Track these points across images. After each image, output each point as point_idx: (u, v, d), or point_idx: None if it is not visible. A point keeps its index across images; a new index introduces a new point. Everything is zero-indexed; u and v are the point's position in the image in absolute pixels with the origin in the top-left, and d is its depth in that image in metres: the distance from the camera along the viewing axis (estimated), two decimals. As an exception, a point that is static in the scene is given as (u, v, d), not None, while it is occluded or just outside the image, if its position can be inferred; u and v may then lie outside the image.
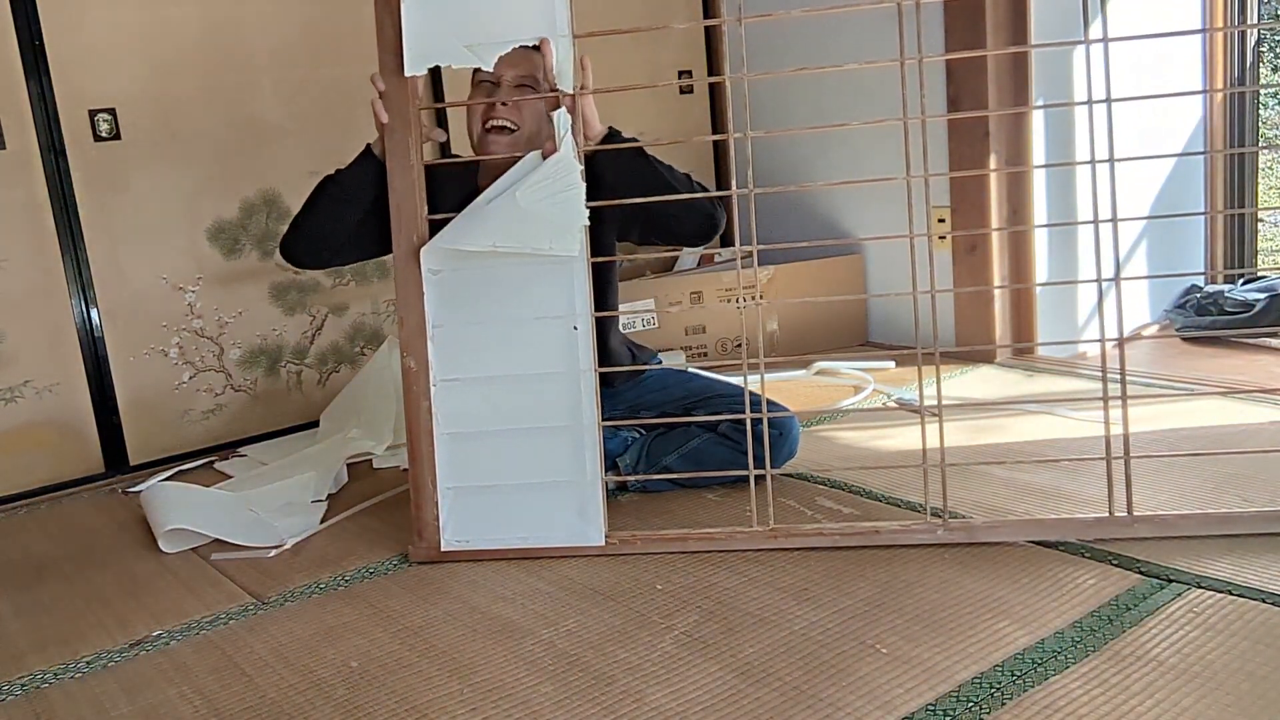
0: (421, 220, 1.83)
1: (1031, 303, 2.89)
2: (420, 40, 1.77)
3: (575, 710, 1.34)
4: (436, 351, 1.83)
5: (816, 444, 2.32)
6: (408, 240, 1.83)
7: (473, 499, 1.84)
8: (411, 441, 1.84)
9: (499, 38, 1.76)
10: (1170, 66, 3.04)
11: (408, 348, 1.83)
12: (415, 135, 1.81)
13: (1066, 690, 1.28)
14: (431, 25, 1.77)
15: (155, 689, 1.50)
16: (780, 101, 3.28)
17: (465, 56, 1.77)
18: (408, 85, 1.80)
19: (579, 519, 1.82)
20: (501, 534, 1.83)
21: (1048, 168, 2.83)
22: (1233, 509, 1.73)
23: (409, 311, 1.83)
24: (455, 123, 3.02)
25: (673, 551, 1.79)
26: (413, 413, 1.84)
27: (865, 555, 1.72)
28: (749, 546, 1.77)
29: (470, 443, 1.84)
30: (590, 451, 1.81)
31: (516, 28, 1.76)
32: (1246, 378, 2.54)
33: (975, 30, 2.71)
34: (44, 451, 2.53)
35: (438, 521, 1.84)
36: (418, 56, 1.77)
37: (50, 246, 2.49)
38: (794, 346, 3.12)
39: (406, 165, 1.82)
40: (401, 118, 1.80)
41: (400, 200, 1.83)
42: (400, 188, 1.83)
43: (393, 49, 1.79)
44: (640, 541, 1.81)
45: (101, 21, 2.51)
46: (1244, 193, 3.18)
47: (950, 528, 1.73)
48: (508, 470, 1.83)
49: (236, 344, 2.76)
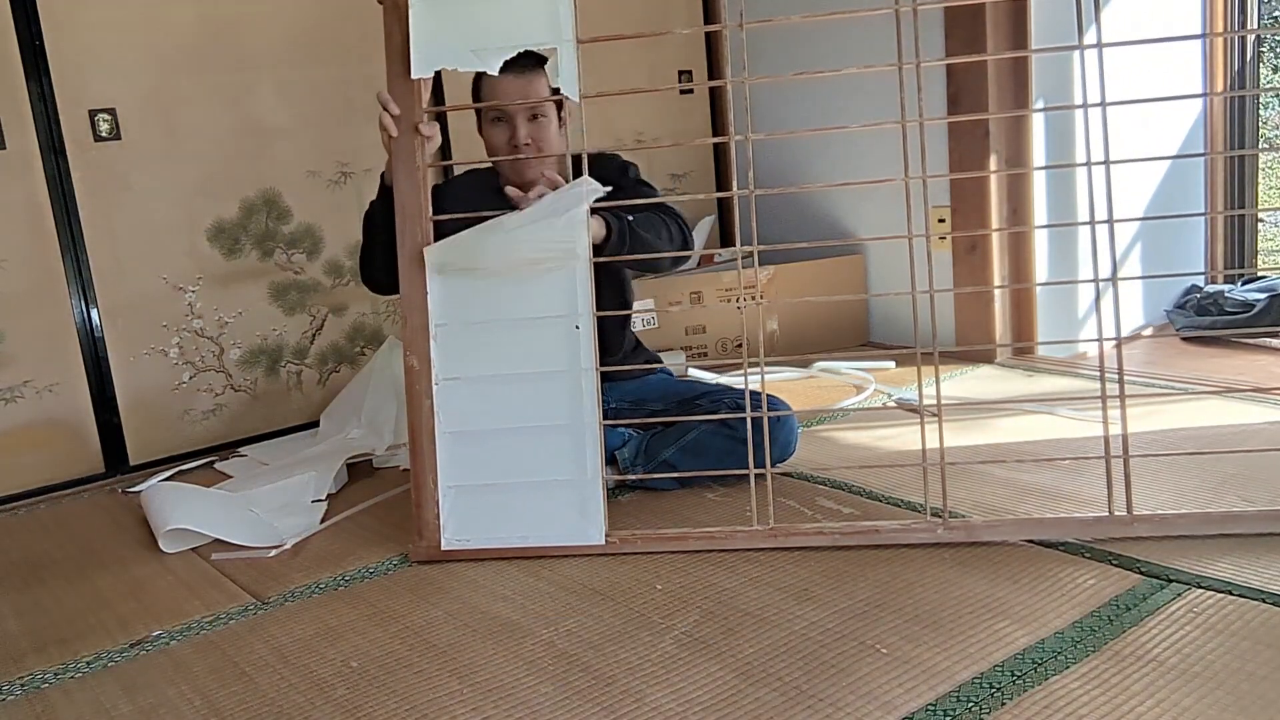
0: (426, 220, 1.84)
1: (1031, 303, 2.89)
2: (427, 44, 1.81)
3: (575, 710, 1.34)
4: (439, 350, 1.85)
5: (817, 444, 2.32)
6: (412, 239, 1.84)
7: (473, 498, 1.85)
8: (413, 440, 1.85)
9: (504, 42, 1.80)
10: (1170, 67, 3.04)
11: (411, 346, 1.85)
12: (420, 137, 1.84)
13: (1066, 690, 1.28)
14: (438, 30, 1.81)
15: (155, 689, 1.50)
16: (780, 102, 3.28)
17: (471, 60, 1.80)
18: (414, 88, 1.82)
19: (579, 518, 1.82)
20: (502, 533, 1.84)
21: (1046, 169, 2.83)
22: (1232, 509, 1.73)
23: (412, 310, 1.85)
24: (456, 121, 3.02)
25: (673, 551, 1.79)
26: (415, 411, 1.85)
27: (865, 555, 1.72)
28: (749, 546, 1.78)
29: (472, 441, 1.85)
30: (591, 450, 1.81)
31: (522, 33, 1.79)
32: (1246, 378, 2.54)
33: (975, 31, 2.71)
34: (44, 451, 2.53)
35: (438, 520, 1.85)
36: (424, 60, 1.81)
37: (50, 246, 2.49)
38: (794, 346, 3.12)
39: (412, 166, 1.84)
40: (408, 119, 1.83)
41: (405, 200, 1.85)
42: (405, 188, 1.84)
43: (400, 53, 1.82)
44: (640, 541, 1.81)
45: (101, 21, 2.51)
46: (1244, 193, 3.18)
47: (950, 527, 1.73)
48: (509, 469, 1.84)
49: (236, 344, 2.76)
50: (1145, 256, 3.07)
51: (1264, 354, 2.76)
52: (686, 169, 3.56)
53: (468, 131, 3.02)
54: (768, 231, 3.22)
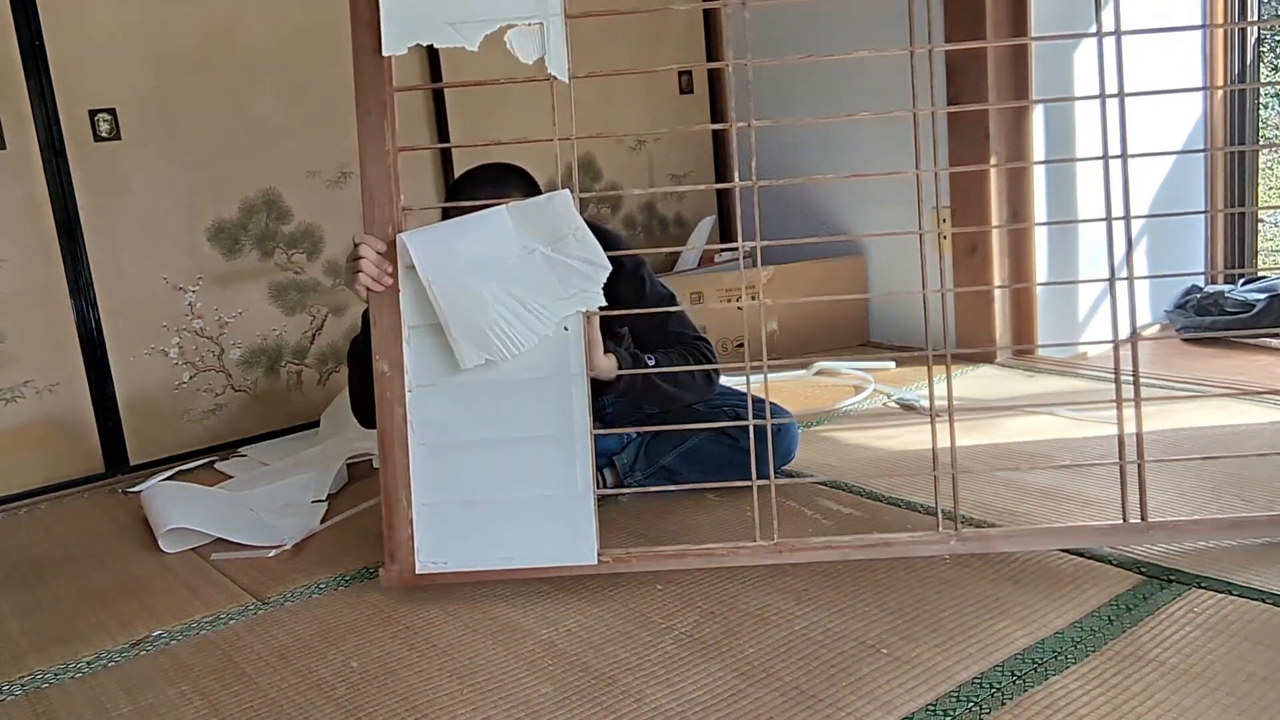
0: (397, 210, 1.69)
1: (1031, 303, 2.89)
2: (400, 17, 1.64)
3: (575, 710, 1.34)
4: (412, 354, 1.70)
5: (817, 444, 2.31)
6: (381, 232, 1.69)
7: (451, 516, 1.70)
8: (384, 452, 1.70)
9: (486, 15, 1.64)
10: (1170, 68, 3.04)
11: (381, 350, 1.70)
12: (390, 120, 1.68)
13: (1066, 690, 1.28)
14: (414, 1, 1.64)
15: (155, 689, 1.50)
16: (780, 105, 3.28)
17: (449, 35, 1.64)
18: (384, 66, 1.67)
19: (569, 536, 1.68)
20: (483, 555, 1.69)
21: (1054, 163, 2.82)
22: (1242, 513, 1.70)
23: (383, 310, 1.70)
24: (455, 120, 3.02)
25: (671, 570, 1.70)
26: (386, 421, 1.70)
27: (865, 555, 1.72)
28: (753, 563, 1.69)
29: (449, 454, 1.70)
30: (582, 461, 1.68)
31: (506, 5, 1.64)
32: (1247, 378, 2.54)
33: (976, 29, 2.71)
34: (44, 451, 2.53)
35: (412, 542, 1.69)
36: (397, 35, 1.64)
37: (50, 246, 2.49)
38: (794, 346, 3.12)
39: (381, 151, 1.68)
40: (377, 101, 1.67)
41: (373, 189, 1.69)
42: (373, 175, 1.69)
43: (369, 25, 1.65)
44: (636, 560, 1.70)
45: (101, 21, 2.51)
46: (1244, 192, 3.18)
47: (964, 538, 1.66)
48: (490, 484, 1.70)
49: (236, 344, 2.76)
50: (1146, 256, 3.07)
51: (1264, 354, 2.76)
52: (686, 169, 3.56)
53: (466, 131, 3.04)
54: (769, 234, 3.22)
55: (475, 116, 3.05)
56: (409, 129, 2.97)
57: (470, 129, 3.04)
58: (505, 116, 3.07)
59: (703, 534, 1.86)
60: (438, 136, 3.00)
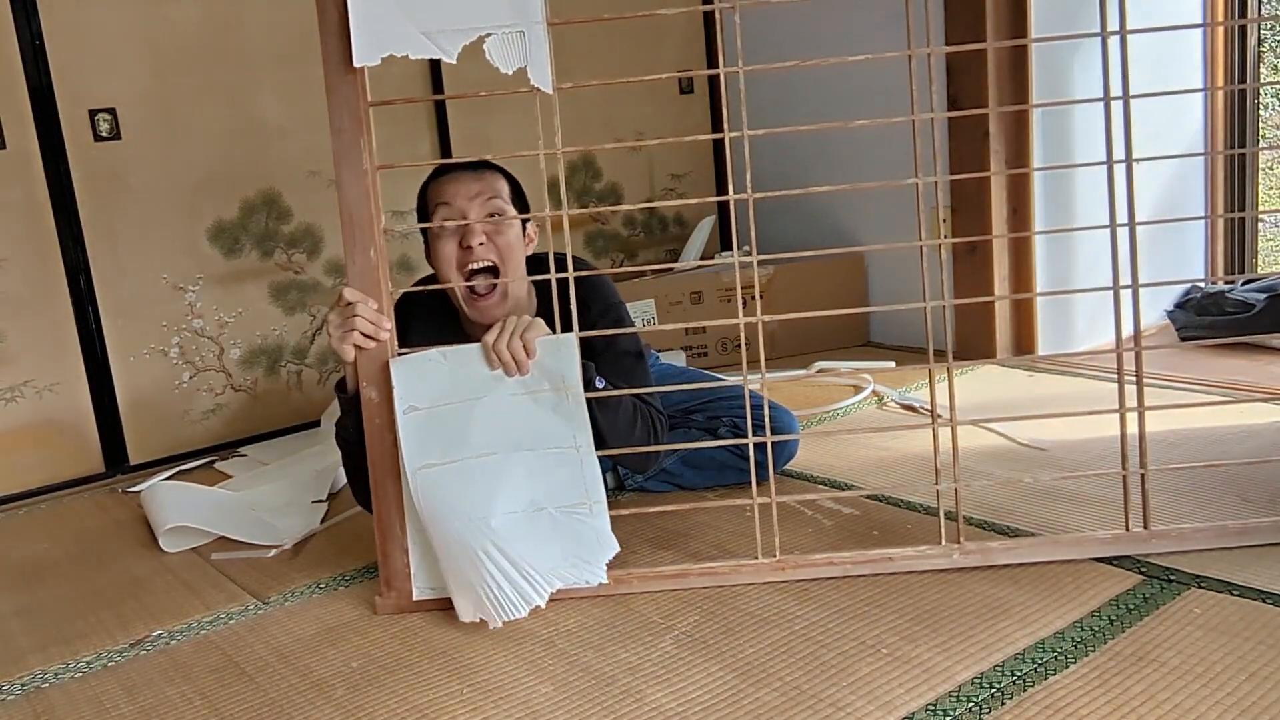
0: (378, 232, 1.62)
1: (1031, 303, 2.89)
2: (370, 26, 1.53)
3: (575, 710, 1.34)
4: (401, 378, 1.61)
5: (817, 444, 2.31)
6: (363, 255, 1.61)
7: None
8: (375, 480, 1.64)
9: (462, 24, 1.54)
10: (1170, 70, 3.04)
11: (367, 376, 1.62)
12: (367, 135, 1.58)
13: (1066, 690, 1.28)
14: (384, 8, 1.53)
15: (155, 689, 1.50)
16: (781, 107, 3.28)
17: (424, 46, 1.54)
18: (358, 78, 1.57)
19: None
20: None
21: (1059, 169, 2.82)
22: (1246, 518, 1.69)
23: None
24: (455, 120, 3.02)
25: (673, 589, 1.65)
26: (376, 449, 1.63)
27: (865, 555, 1.72)
28: (756, 580, 1.64)
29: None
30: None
31: (483, 13, 1.54)
32: (1247, 378, 2.53)
33: (976, 32, 2.71)
34: (44, 451, 2.53)
35: (408, 569, 1.64)
36: (368, 45, 1.53)
37: (50, 246, 2.49)
38: (794, 346, 3.12)
39: (359, 170, 1.59)
40: (352, 116, 1.57)
41: (352, 209, 1.61)
42: (352, 196, 1.60)
43: (338, 34, 1.55)
44: (637, 580, 1.66)
45: (101, 21, 2.51)
46: (1244, 193, 3.19)
47: (966, 551, 1.64)
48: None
49: (236, 344, 2.76)
50: (1146, 255, 3.06)
51: (1265, 354, 2.76)
52: (686, 169, 3.56)
53: (467, 133, 3.04)
54: (768, 232, 3.22)
55: (477, 115, 3.05)
56: (409, 129, 2.97)
57: (472, 128, 3.04)
58: (507, 116, 3.06)
59: (703, 535, 1.86)
60: (438, 136, 3.00)
